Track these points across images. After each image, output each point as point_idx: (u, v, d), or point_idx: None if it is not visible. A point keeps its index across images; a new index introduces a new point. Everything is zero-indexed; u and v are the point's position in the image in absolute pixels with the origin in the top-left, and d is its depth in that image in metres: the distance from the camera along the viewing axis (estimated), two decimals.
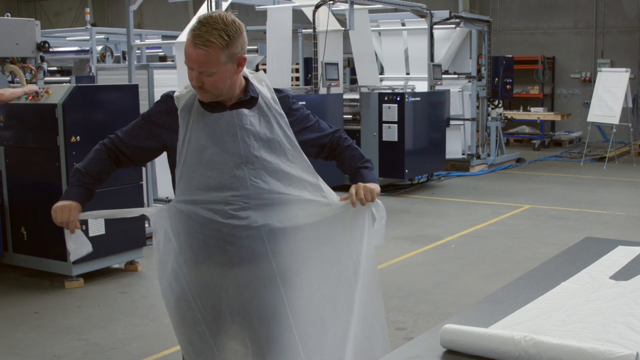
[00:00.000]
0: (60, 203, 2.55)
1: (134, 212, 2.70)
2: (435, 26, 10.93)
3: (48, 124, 5.60)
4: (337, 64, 9.17)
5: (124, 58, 11.72)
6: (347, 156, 2.73)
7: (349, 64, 14.30)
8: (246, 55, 2.50)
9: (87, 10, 14.11)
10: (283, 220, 2.55)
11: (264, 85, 2.60)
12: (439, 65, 10.87)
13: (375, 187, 2.62)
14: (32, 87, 5.73)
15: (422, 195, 9.80)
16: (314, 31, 9.01)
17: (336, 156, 2.75)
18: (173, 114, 2.53)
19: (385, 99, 9.63)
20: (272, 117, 2.55)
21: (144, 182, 6.36)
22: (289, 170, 2.55)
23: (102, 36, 12.57)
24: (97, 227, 5.73)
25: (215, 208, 2.48)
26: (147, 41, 12.29)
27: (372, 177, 2.70)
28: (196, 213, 2.50)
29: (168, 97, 2.58)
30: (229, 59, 2.40)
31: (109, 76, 9.05)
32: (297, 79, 14.20)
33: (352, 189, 2.59)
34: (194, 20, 2.54)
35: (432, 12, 10.71)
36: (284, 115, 2.57)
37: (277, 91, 2.64)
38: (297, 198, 2.57)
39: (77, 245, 2.59)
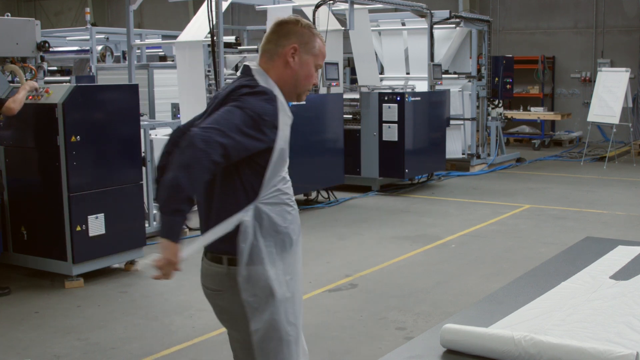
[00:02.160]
0: (167, 254, 2.27)
1: (229, 225, 2.46)
2: (435, 26, 10.93)
3: (48, 124, 5.60)
4: (337, 64, 9.17)
5: (124, 58, 11.71)
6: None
7: (349, 63, 14.28)
8: (247, 55, 2.51)
9: (87, 10, 14.14)
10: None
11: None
12: (439, 65, 10.87)
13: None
14: (32, 85, 5.70)
15: (422, 195, 9.80)
16: None
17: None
18: (277, 116, 2.44)
19: (385, 98, 9.63)
20: None
21: (144, 182, 6.36)
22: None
23: (102, 36, 12.57)
24: (97, 227, 5.72)
25: (287, 201, 2.55)
26: (147, 41, 12.30)
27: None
28: (280, 207, 2.53)
29: (274, 98, 2.45)
30: None
31: (109, 76, 9.07)
32: None
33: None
34: (271, 25, 2.55)
35: (432, 12, 10.71)
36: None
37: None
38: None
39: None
